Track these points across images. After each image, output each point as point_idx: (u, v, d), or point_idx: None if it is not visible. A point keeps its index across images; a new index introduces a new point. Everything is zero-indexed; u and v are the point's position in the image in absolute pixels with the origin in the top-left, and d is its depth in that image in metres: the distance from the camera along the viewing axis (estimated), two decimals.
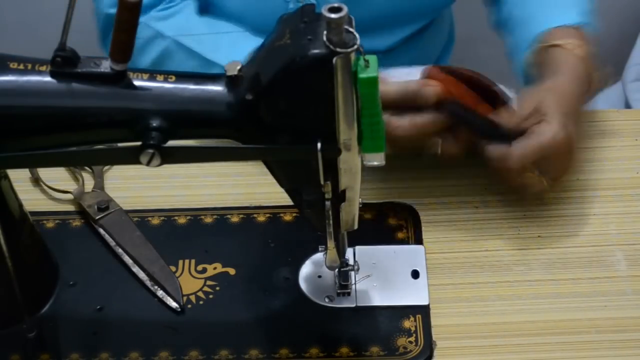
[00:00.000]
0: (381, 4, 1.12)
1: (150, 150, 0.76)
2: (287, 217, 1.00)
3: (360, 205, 0.85)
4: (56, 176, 1.05)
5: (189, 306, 0.93)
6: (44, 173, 1.05)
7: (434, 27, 1.25)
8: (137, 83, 0.78)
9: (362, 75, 0.73)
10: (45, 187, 1.04)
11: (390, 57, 1.18)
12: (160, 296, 0.93)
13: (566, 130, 0.93)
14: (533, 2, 1.10)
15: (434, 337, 0.90)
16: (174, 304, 0.93)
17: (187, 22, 1.12)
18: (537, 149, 0.93)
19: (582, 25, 1.04)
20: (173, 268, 0.96)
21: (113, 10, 1.07)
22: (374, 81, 0.73)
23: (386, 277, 0.94)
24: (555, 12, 1.07)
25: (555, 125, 0.93)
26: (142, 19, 1.08)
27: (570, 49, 1.01)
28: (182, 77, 0.79)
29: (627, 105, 1.63)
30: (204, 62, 1.08)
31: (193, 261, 0.97)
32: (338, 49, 0.71)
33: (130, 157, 0.77)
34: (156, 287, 0.94)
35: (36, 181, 1.05)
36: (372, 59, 0.73)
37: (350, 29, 0.72)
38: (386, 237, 0.98)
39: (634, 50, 1.71)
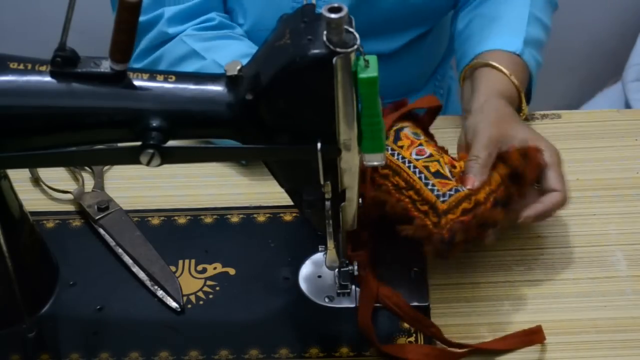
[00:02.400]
0: (385, 8, 1.12)
1: (150, 150, 0.76)
2: (287, 217, 1.00)
3: (360, 205, 0.85)
4: (56, 176, 1.05)
5: (189, 306, 0.93)
6: (44, 173, 1.05)
7: (436, 32, 1.25)
8: (137, 83, 0.78)
9: (362, 75, 0.73)
10: (45, 187, 1.04)
11: (392, 61, 1.19)
12: (160, 296, 0.93)
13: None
14: (481, 23, 1.11)
15: None
16: (174, 304, 0.93)
17: (232, 50, 1.08)
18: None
19: (520, 52, 1.05)
20: (173, 268, 0.96)
21: (142, 18, 1.05)
22: (374, 81, 0.73)
23: (386, 277, 0.94)
24: (500, 35, 1.07)
25: (549, 143, 0.96)
26: (180, 34, 1.07)
27: (504, 73, 1.02)
28: (182, 77, 0.79)
29: (627, 105, 1.63)
30: None
31: (193, 261, 0.97)
32: (338, 49, 0.71)
33: (130, 157, 0.77)
34: (156, 287, 0.94)
35: (36, 181, 1.05)
36: (372, 59, 0.73)
37: (350, 29, 0.72)
38: (386, 237, 0.98)
39: (634, 50, 1.72)
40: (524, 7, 1.09)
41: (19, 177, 0.97)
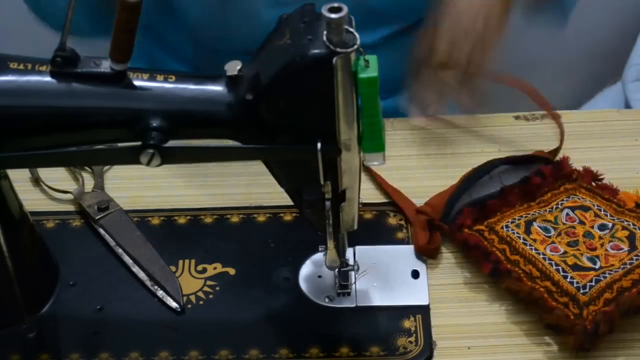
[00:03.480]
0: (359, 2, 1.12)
1: (150, 150, 0.76)
2: (287, 217, 1.00)
3: (360, 205, 0.85)
4: (56, 176, 1.05)
5: (189, 306, 0.93)
6: (44, 173, 1.05)
7: (419, 28, 1.24)
8: (137, 83, 0.78)
9: (362, 75, 0.73)
10: (45, 187, 1.04)
11: (381, 50, 1.17)
12: (160, 296, 0.93)
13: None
14: None
15: (434, 337, 0.90)
16: (174, 304, 0.93)
17: None
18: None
19: None
20: (173, 268, 0.96)
21: None
22: (374, 81, 0.73)
23: (386, 277, 0.94)
24: None
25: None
26: None
27: None
28: (182, 77, 0.79)
29: (627, 105, 1.63)
30: None
31: (193, 261, 0.97)
32: (338, 49, 0.71)
33: (131, 157, 0.77)
34: (156, 287, 0.94)
35: (36, 181, 1.05)
36: (372, 59, 0.73)
37: (350, 29, 0.72)
38: (386, 237, 0.98)
39: (634, 50, 1.71)
40: None
41: (19, 177, 0.97)
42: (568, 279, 0.89)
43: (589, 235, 0.93)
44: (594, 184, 1.01)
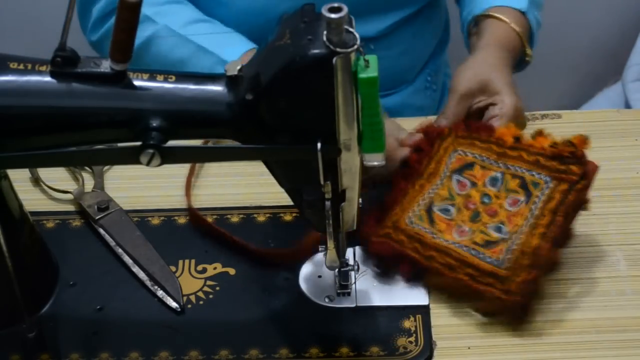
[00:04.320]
0: None
1: (150, 150, 0.76)
2: (287, 217, 1.00)
3: (360, 206, 0.85)
4: (56, 176, 1.05)
5: (189, 306, 0.93)
6: (44, 173, 1.05)
7: (425, 15, 1.24)
8: (137, 83, 0.78)
9: (362, 75, 0.73)
10: (46, 187, 1.04)
11: (380, 46, 1.18)
12: (160, 296, 0.93)
13: (517, 97, 1.03)
14: None
15: (434, 337, 0.90)
16: (174, 304, 0.93)
17: (182, 16, 1.11)
18: (506, 121, 1.00)
19: (523, 10, 1.12)
20: (173, 268, 0.96)
21: (93, 37, 1.09)
22: (374, 81, 0.73)
23: (386, 277, 0.94)
24: None
25: (512, 97, 1.02)
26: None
27: (505, 22, 1.10)
28: (182, 77, 0.79)
29: (627, 105, 1.63)
30: (197, 50, 1.07)
31: (193, 261, 0.97)
32: (338, 49, 0.71)
33: (130, 157, 0.77)
34: (156, 287, 0.94)
35: (36, 181, 1.05)
36: (372, 59, 0.73)
37: (350, 29, 0.72)
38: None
39: (634, 50, 1.71)
40: None
41: (19, 177, 0.97)
42: (484, 259, 0.90)
43: (486, 197, 0.95)
44: (468, 129, 1.01)
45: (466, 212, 0.95)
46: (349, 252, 0.94)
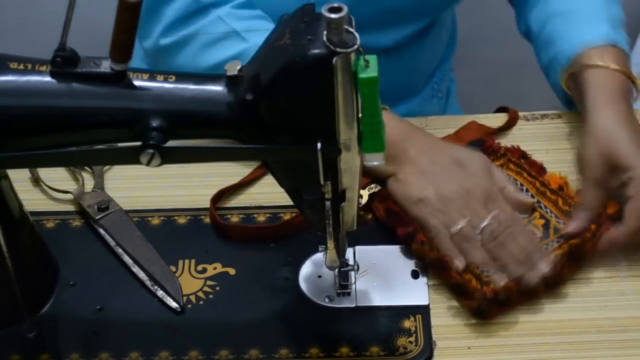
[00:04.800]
0: (384, 0, 1.11)
1: (150, 150, 0.76)
2: (287, 217, 1.00)
3: (360, 204, 0.85)
4: (56, 176, 1.05)
5: (189, 306, 0.93)
6: (44, 173, 1.05)
7: (436, 28, 1.24)
8: (137, 83, 0.78)
9: (362, 75, 0.73)
10: (46, 187, 1.04)
11: (394, 57, 1.17)
12: (160, 296, 0.93)
13: None
14: (563, 17, 1.07)
15: (434, 337, 0.90)
16: (174, 304, 0.93)
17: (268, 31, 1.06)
18: None
19: (614, 39, 1.02)
20: (173, 268, 0.96)
21: (165, 41, 1.02)
22: (374, 81, 0.73)
23: (386, 277, 0.94)
24: (586, 28, 1.04)
25: None
26: (218, 12, 1.02)
27: (605, 66, 1.00)
28: (182, 77, 0.79)
29: None
30: None
31: (193, 261, 0.97)
32: (338, 49, 0.71)
33: (130, 157, 0.77)
34: (156, 287, 0.94)
35: (36, 181, 1.05)
36: (372, 59, 0.73)
37: (350, 29, 0.72)
38: (386, 237, 0.98)
39: (634, 50, 1.71)
40: None
41: (19, 177, 0.97)
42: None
43: None
44: (522, 160, 1.02)
45: None
46: (349, 252, 0.94)
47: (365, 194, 0.99)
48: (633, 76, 1.01)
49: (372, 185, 1.00)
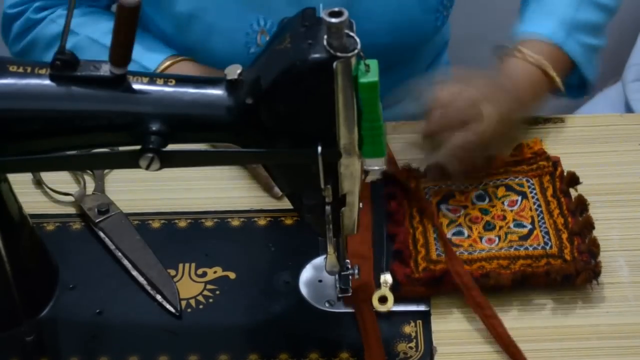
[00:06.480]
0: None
1: (150, 154, 0.76)
2: (288, 221, 1.00)
3: (360, 208, 0.85)
4: (58, 178, 1.05)
5: (189, 310, 0.92)
6: (46, 175, 1.04)
7: (420, 49, 1.22)
8: (136, 87, 0.77)
9: (363, 80, 0.72)
10: (47, 189, 1.04)
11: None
12: (160, 300, 0.93)
13: (497, 113, 0.98)
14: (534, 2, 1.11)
15: (435, 342, 0.90)
16: (171, 309, 0.92)
17: (102, 26, 1.10)
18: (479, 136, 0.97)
19: (552, 38, 1.06)
20: (173, 272, 0.95)
21: (11, 11, 1.12)
22: (374, 86, 0.72)
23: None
24: (535, 19, 1.08)
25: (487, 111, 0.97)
26: (51, 16, 1.11)
27: (523, 58, 1.05)
28: (182, 81, 0.79)
29: (627, 105, 1.62)
30: None
31: (193, 265, 0.96)
32: (338, 54, 0.71)
33: (130, 161, 0.76)
34: (155, 291, 0.94)
35: (38, 183, 1.05)
36: (373, 63, 0.73)
37: (351, 34, 0.72)
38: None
39: (634, 50, 1.70)
40: None
41: (20, 179, 0.96)
42: (530, 248, 0.94)
43: (483, 211, 0.98)
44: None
45: (477, 226, 0.97)
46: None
47: None
48: (549, 70, 1.05)
49: None
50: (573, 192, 1.00)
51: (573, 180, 1.00)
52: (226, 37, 1.08)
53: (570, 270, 0.91)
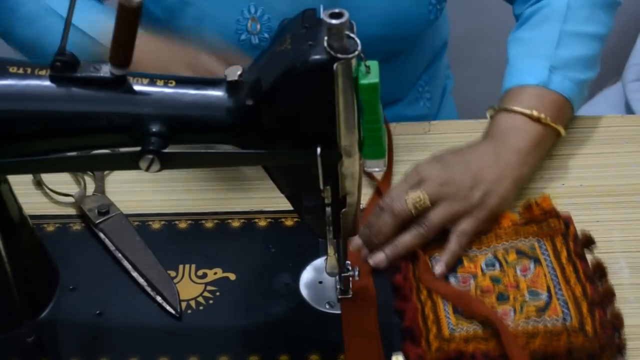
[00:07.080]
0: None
1: (150, 156, 0.76)
2: (288, 222, 1.00)
3: (361, 211, 0.85)
4: (58, 179, 1.05)
5: (189, 311, 0.92)
6: (47, 175, 1.04)
7: (417, 43, 1.20)
8: (136, 88, 0.77)
9: (363, 81, 0.72)
10: (48, 190, 1.04)
11: None
12: (160, 301, 0.93)
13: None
14: (514, 48, 1.09)
15: None
16: (171, 310, 0.92)
17: None
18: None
19: (543, 81, 1.03)
20: (173, 273, 0.95)
21: None
22: (375, 87, 0.72)
23: (385, 281, 0.94)
24: (523, 65, 1.05)
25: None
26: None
27: (517, 112, 1.01)
28: (182, 82, 0.79)
29: (627, 105, 1.62)
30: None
31: (193, 266, 0.96)
32: (339, 55, 0.71)
33: (130, 163, 0.76)
34: (155, 292, 0.93)
35: (38, 184, 1.05)
36: (373, 64, 0.73)
37: (352, 35, 0.71)
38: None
39: (634, 50, 1.71)
40: (554, 27, 1.06)
41: (20, 180, 0.96)
42: (549, 323, 0.87)
43: (494, 279, 0.92)
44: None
45: (490, 298, 0.91)
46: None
47: None
48: (543, 119, 1.01)
49: None
50: (587, 252, 0.96)
51: (588, 241, 0.95)
52: (217, 24, 1.09)
53: (594, 348, 0.85)
